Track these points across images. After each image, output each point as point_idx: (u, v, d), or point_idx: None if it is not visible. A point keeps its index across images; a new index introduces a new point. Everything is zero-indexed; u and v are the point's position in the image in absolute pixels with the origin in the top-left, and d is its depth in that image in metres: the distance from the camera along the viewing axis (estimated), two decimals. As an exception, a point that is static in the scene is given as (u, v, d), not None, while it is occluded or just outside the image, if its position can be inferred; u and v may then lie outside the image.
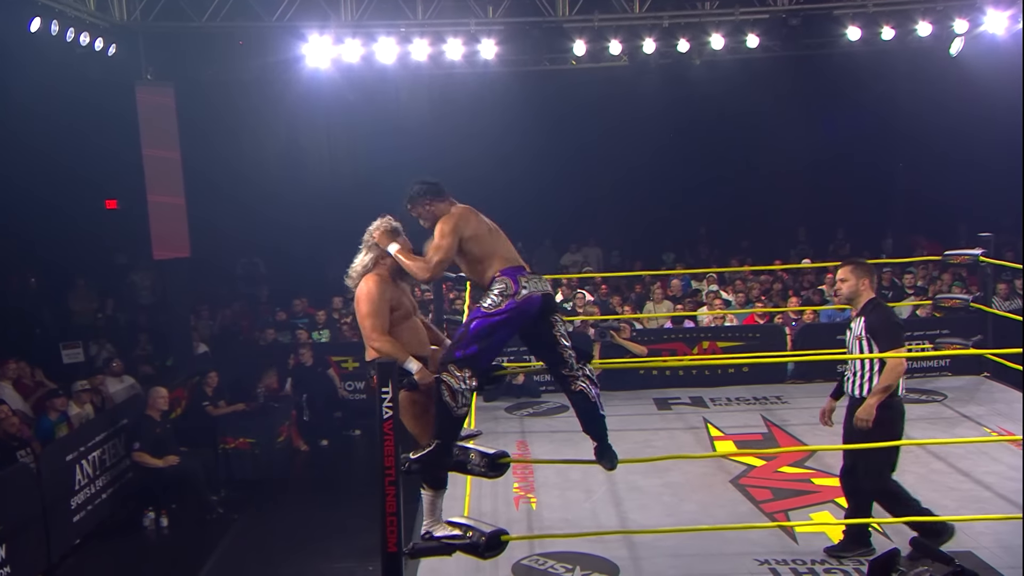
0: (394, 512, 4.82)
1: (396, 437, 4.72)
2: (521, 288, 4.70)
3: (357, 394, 11.66)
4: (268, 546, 8.21)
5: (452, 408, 4.69)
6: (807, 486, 6.92)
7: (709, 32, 11.31)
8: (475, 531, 4.98)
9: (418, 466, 4.95)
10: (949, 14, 11.29)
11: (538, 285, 4.75)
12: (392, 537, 4.83)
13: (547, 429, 8.57)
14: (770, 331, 11.42)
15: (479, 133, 14.52)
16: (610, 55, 11.87)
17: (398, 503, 4.82)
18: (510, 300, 4.68)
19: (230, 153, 14.29)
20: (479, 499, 6.55)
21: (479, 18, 11.29)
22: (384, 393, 4.76)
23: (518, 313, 4.68)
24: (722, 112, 15.00)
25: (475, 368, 4.69)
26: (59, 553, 7.87)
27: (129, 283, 13.77)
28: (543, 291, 4.75)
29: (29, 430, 8.59)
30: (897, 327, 5.65)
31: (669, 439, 8.18)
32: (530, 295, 4.70)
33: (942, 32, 11.46)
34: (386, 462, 4.81)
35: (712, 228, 16.88)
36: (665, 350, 11.05)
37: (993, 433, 8.00)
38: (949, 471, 7.10)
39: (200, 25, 11.11)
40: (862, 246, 15.16)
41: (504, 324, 4.67)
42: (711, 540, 5.95)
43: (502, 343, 4.78)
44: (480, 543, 4.93)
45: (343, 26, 11.18)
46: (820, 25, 11.29)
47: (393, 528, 4.82)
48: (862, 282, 5.65)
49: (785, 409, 9.01)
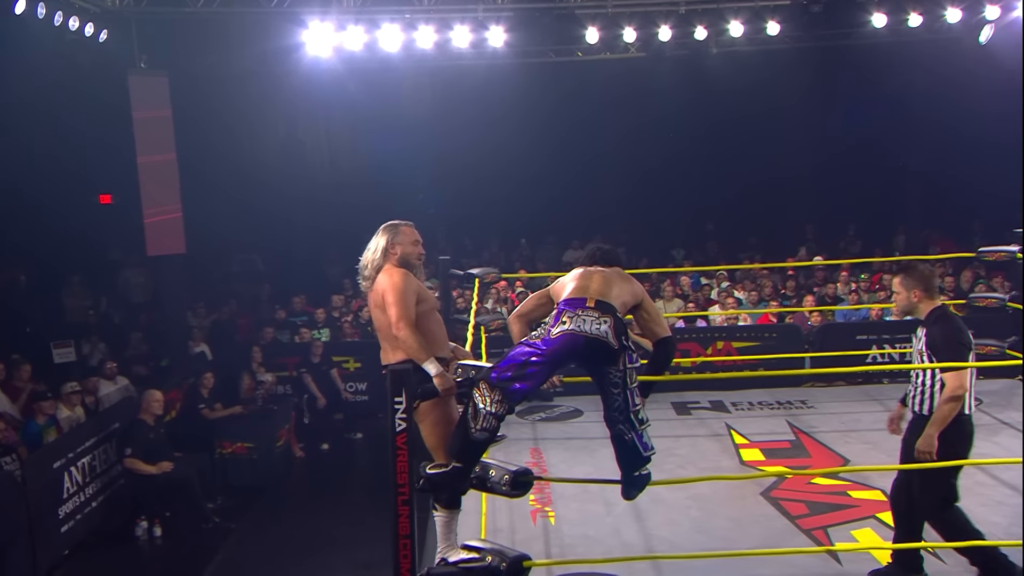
0: (407, 535, 4.39)
1: (410, 452, 4.28)
2: (560, 323, 4.20)
3: (359, 396, 11.26)
4: (267, 558, 7.77)
5: (471, 429, 4.21)
6: (844, 499, 6.48)
7: (727, 19, 10.98)
8: (495, 555, 4.51)
9: (431, 485, 4.49)
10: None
11: (587, 324, 4.20)
12: (406, 563, 4.40)
13: (561, 436, 8.12)
14: (787, 330, 11.06)
15: (485, 126, 14.08)
16: (624, 44, 11.42)
17: (412, 524, 4.38)
18: (546, 335, 4.20)
19: (226, 146, 13.86)
20: (494, 512, 6.09)
21: (487, 4, 10.87)
22: (397, 403, 4.32)
23: (553, 351, 4.17)
24: (736, 106, 14.54)
25: (506, 396, 4.17)
26: (46, 565, 7.43)
27: (122, 280, 13.35)
28: (590, 333, 4.18)
29: (16, 434, 8.16)
30: (960, 346, 5.06)
31: (692, 447, 7.73)
32: (569, 333, 4.17)
33: (972, 18, 11.05)
34: (399, 479, 4.37)
35: (720, 225, 16.43)
36: (679, 350, 10.59)
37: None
38: (994, 483, 6.66)
39: (196, 11, 10.66)
40: (873, 243, 14.89)
41: (539, 359, 4.16)
42: (747, 560, 5.47)
43: (537, 377, 4.21)
44: (501, 569, 4.46)
45: (345, 12, 10.77)
46: (844, 11, 10.90)
47: (407, 552, 4.40)
48: (914, 292, 5.14)
49: (811, 415, 8.58)
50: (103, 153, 12.05)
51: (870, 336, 10.80)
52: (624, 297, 4.34)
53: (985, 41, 11.55)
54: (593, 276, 4.37)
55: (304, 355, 11.12)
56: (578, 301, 4.24)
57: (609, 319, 4.19)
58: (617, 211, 16.05)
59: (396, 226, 4.69)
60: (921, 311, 5.18)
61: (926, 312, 5.17)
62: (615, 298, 4.29)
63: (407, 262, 4.60)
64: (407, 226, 4.70)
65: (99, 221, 13.43)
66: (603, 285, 4.32)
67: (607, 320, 4.18)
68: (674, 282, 12.39)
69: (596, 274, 4.39)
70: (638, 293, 4.45)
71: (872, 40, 11.89)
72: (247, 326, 12.57)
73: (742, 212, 16.10)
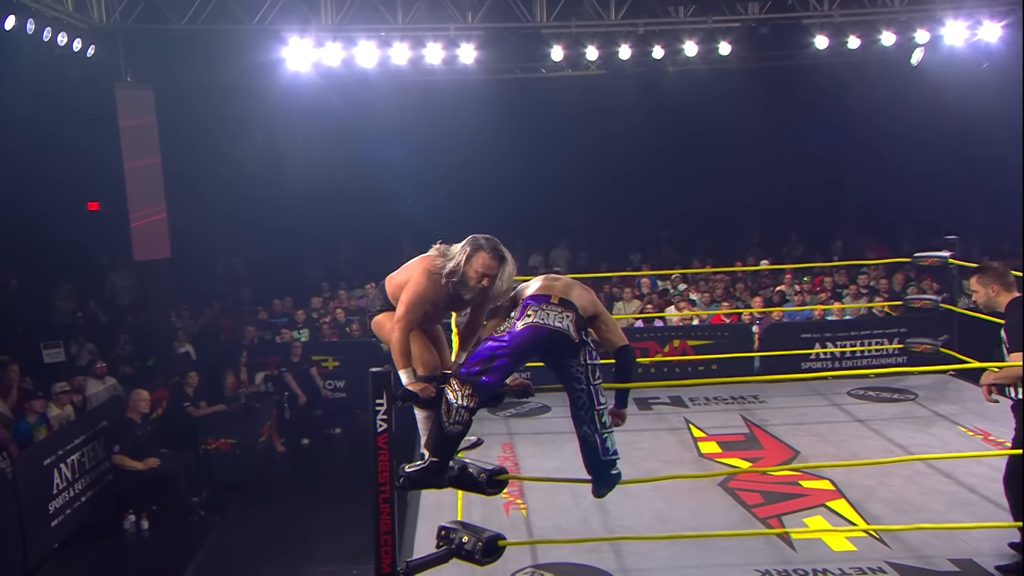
0: (388, 531, 4.28)
1: (390, 452, 4.17)
2: (525, 316, 4.14)
3: (337, 393, 11.07)
4: (250, 549, 7.57)
5: (445, 423, 4.14)
6: (796, 489, 6.43)
7: (683, 39, 10.90)
8: (471, 535, 4.40)
9: (410, 482, 4.39)
10: (911, 24, 11.03)
11: (550, 318, 4.16)
12: (387, 558, 4.31)
13: (531, 431, 8.01)
14: (738, 329, 11.06)
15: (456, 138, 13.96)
16: (587, 61, 11.32)
17: (393, 521, 4.27)
18: (511, 328, 4.14)
19: (210, 156, 13.58)
20: (469, 505, 5.93)
21: (458, 23, 10.71)
22: (378, 405, 4.20)
23: (519, 343, 4.11)
24: (691, 120, 14.55)
25: (476, 388, 4.11)
26: (37, 558, 7.21)
27: (109, 283, 13.04)
28: (553, 326, 4.14)
29: (7, 432, 7.90)
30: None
31: (654, 440, 7.64)
32: (533, 325, 4.13)
33: (904, 42, 11.13)
34: (380, 478, 4.29)
35: (674, 231, 16.42)
36: (637, 349, 10.52)
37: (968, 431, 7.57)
38: (931, 472, 6.63)
39: (180, 28, 10.39)
40: (814, 248, 15.00)
41: (505, 352, 4.11)
42: (709, 549, 5.40)
43: (505, 370, 4.15)
44: (477, 548, 4.36)
45: (323, 29, 10.55)
46: (789, 34, 10.88)
47: (388, 548, 4.31)
48: (991, 288, 5.20)
49: (763, 408, 8.54)
50: (91, 162, 11.71)
51: (813, 335, 10.81)
52: (584, 302, 4.30)
53: (916, 63, 11.64)
54: (557, 280, 4.35)
55: (284, 354, 10.94)
56: (542, 297, 4.22)
57: (571, 314, 4.19)
58: (580, 218, 15.98)
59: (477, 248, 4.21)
60: (1000, 304, 5.17)
61: (1005, 304, 5.15)
62: (576, 299, 4.27)
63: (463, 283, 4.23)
64: (484, 253, 4.19)
65: (87, 227, 13.08)
66: (566, 287, 4.30)
67: (569, 315, 4.18)
68: (633, 284, 12.34)
69: (559, 280, 4.37)
70: (597, 303, 4.41)
71: (815, 61, 11.93)
72: (230, 327, 12.33)
73: (694, 219, 16.11)
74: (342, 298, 12.78)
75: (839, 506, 6.02)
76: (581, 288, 4.37)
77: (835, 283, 12.63)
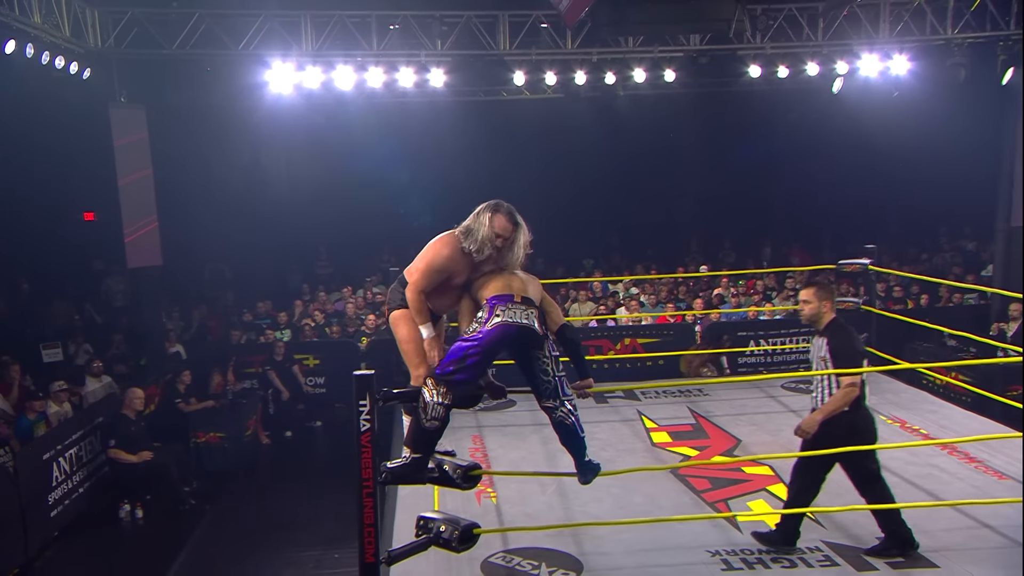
0: (371, 524, 4.14)
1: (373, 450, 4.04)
2: (494, 316, 4.04)
3: (318, 388, 10.82)
4: (239, 535, 7.43)
5: (422, 420, 4.07)
6: (740, 475, 6.39)
7: (632, 67, 10.89)
8: (448, 524, 4.29)
9: (392, 477, 4.27)
10: (832, 57, 11.14)
11: (517, 315, 4.08)
12: (370, 548, 4.16)
13: (498, 423, 7.87)
14: (682, 328, 11.05)
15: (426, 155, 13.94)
16: (546, 85, 11.27)
17: (375, 514, 4.14)
18: (482, 327, 4.04)
19: (198, 170, 13.36)
20: (443, 494, 5.81)
21: (429, 50, 10.56)
22: (362, 406, 4.07)
23: (489, 340, 4.02)
24: (639, 140, 14.57)
25: (450, 387, 4.03)
26: (38, 546, 7.02)
27: (104, 288, 12.71)
28: (521, 323, 4.07)
29: (8, 428, 7.67)
30: (858, 355, 4.97)
31: (610, 432, 7.56)
32: (503, 324, 4.04)
33: (827, 72, 11.24)
34: (363, 474, 4.14)
35: (622, 239, 16.44)
36: (592, 347, 10.51)
37: (888, 420, 7.60)
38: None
39: (171, 52, 10.10)
40: (745, 255, 15.09)
41: (477, 350, 4.01)
42: (663, 533, 5.33)
43: (477, 368, 4.05)
44: (454, 536, 4.25)
45: (304, 54, 10.33)
46: (726, 63, 10.92)
47: (371, 539, 4.16)
48: (824, 304, 5.04)
49: (708, 401, 8.49)
50: (86, 176, 11.46)
51: (748, 333, 10.86)
52: (536, 295, 4.28)
53: (836, 91, 11.78)
54: (513, 278, 4.26)
55: (268, 354, 10.73)
56: (506, 297, 4.13)
57: (534, 311, 4.16)
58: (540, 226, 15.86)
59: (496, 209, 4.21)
60: (823, 321, 5.07)
61: (826, 323, 5.07)
62: (533, 295, 4.24)
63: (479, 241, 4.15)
64: (501, 215, 4.19)
65: (84, 236, 12.90)
66: (522, 284, 4.24)
67: (533, 312, 4.15)
68: (586, 288, 12.31)
69: (515, 277, 4.27)
70: (542, 291, 4.39)
71: (749, 88, 11.99)
72: (217, 328, 12.08)
73: (641, 229, 16.23)
74: (321, 300, 12.57)
75: (778, 490, 6.00)
76: (531, 282, 4.32)
77: (765, 286, 12.76)
